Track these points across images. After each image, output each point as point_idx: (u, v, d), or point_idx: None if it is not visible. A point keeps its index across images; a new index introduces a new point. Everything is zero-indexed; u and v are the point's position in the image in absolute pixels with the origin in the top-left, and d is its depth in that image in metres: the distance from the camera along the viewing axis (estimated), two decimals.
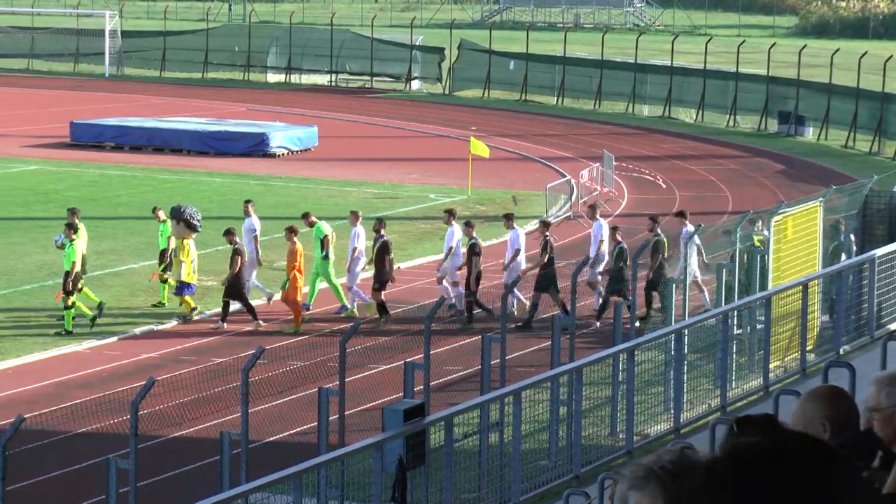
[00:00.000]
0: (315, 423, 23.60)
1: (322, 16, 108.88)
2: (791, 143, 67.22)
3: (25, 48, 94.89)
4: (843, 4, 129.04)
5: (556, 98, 78.99)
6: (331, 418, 23.37)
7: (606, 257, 36.87)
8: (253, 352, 24.72)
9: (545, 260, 35.98)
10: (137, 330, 35.11)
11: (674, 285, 31.73)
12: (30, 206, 46.12)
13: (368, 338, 32.85)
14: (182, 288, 35.39)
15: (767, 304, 28.60)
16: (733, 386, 27.63)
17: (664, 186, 55.73)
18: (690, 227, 36.45)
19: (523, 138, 66.29)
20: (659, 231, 36.55)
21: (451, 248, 36.65)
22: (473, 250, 36.19)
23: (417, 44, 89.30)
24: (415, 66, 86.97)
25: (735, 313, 28.64)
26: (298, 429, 26.70)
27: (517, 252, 36.98)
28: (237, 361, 27.98)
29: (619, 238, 36.63)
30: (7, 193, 49.79)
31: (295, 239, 35.66)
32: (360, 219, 37.44)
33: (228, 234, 35.57)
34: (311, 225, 37.06)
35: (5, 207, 43.39)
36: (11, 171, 56.08)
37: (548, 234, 37.05)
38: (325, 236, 36.67)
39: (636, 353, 25.99)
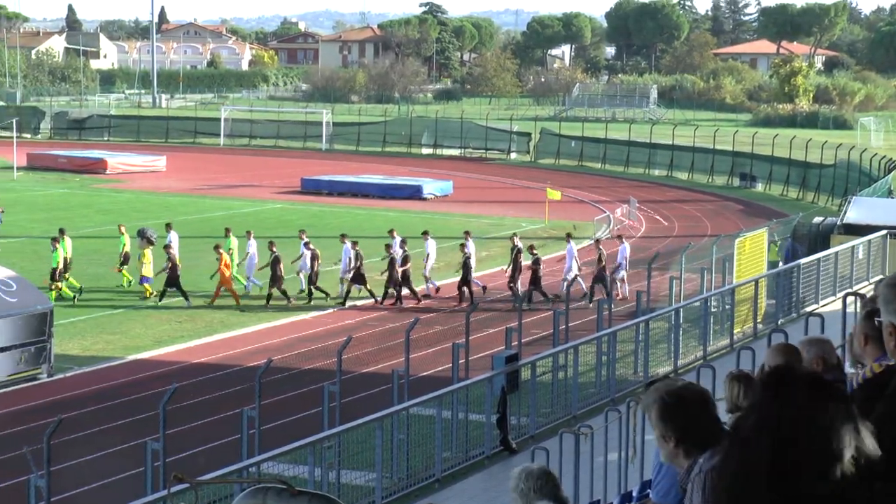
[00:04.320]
0: (450, 365, 23.61)
1: (455, 112, 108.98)
2: (747, 193, 66.62)
3: (273, 132, 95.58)
4: (781, 106, 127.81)
5: (600, 164, 78.64)
6: (460, 361, 23.38)
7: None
8: (411, 320, 24.79)
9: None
10: (342, 306, 35.27)
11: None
12: (275, 230, 46.46)
13: (483, 312, 32.82)
14: (144, 280, 35.30)
15: (732, 292, 28.38)
16: (710, 343, 27.38)
17: (666, 224, 55.34)
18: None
19: (580, 189, 66.05)
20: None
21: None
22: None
23: (514, 130, 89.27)
24: (513, 144, 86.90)
25: (712, 298, 28.42)
26: (440, 368, 26.71)
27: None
28: (402, 326, 28.05)
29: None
30: (263, 221, 50.23)
31: (221, 251, 35.37)
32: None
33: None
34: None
35: (262, 231, 43.69)
36: (265, 207, 56.57)
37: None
38: (231, 249, 36.74)
39: (650, 322, 25.84)
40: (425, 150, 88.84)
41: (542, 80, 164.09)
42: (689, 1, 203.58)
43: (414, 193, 60.82)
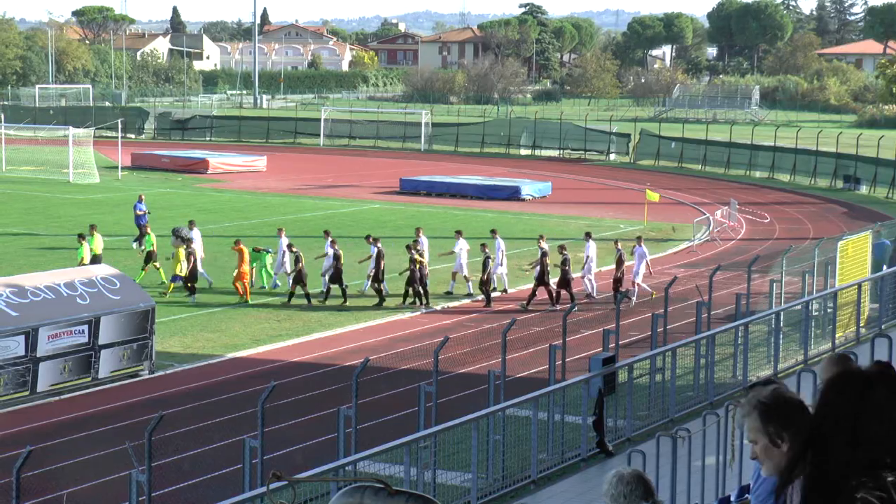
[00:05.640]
0: (546, 367, 23.57)
1: (554, 113, 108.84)
2: (851, 195, 65.59)
3: (373, 132, 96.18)
4: (887, 107, 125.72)
5: (700, 165, 77.94)
6: (557, 363, 23.33)
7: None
8: (508, 321, 24.78)
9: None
10: (439, 306, 35.37)
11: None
12: (374, 230, 46.68)
13: (580, 313, 32.70)
14: (176, 278, 35.59)
15: (835, 296, 28.00)
16: (811, 347, 27.03)
17: (768, 219, 54.72)
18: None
19: (680, 190, 65.56)
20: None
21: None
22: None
23: (613, 131, 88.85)
24: (612, 145, 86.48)
25: (813, 302, 28.06)
26: (536, 369, 26.69)
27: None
28: (499, 327, 28.06)
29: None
30: (361, 221, 50.58)
31: (242, 247, 35.61)
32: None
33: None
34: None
35: (361, 231, 44.04)
36: (363, 208, 56.94)
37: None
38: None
39: (750, 325, 25.58)
40: (524, 151, 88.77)
41: (643, 80, 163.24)
42: (793, 1, 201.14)
43: (512, 194, 60.80)
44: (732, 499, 9.74)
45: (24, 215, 52.85)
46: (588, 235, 37.06)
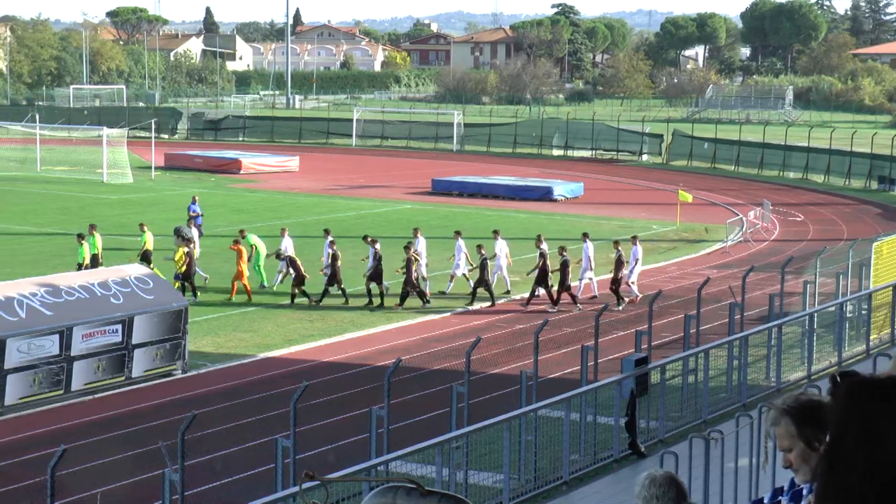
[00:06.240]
0: (579, 367, 23.52)
1: (587, 114, 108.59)
2: (886, 196, 65.24)
3: (405, 133, 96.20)
4: None
5: (734, 166, 77.61)
6: (589, 364, 23.27)
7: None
8: (541, 322, 24.73)
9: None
10: (471, 307, 35.35)
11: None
12: (405, 230, 46.75)
13: (611, 313, 32.61)
14: (177, 276, 35.31)
15: (869, 297, 27.86)
16: (845, 349, 26.88)
17: (801, 217, 54.46)
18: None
19: (712, 191, 65.33)
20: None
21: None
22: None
23: (646, 131, 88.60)
24: (644, 146, 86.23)
25: (847, 303, 27.91)
26: (568, 370, 26.64)
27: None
28: (531, 327, 28.02)
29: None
30: (393, 222, 50.63)
31: (240, 246, 35.70)
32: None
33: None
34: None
35: (393, 231, 44.06)
36: (395, 208, 56.98)
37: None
38: (253, 245, 37.10)
39: (784, 327, 25.48)
40: (556, 152, 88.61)
41: (675, 81, 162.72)
42: (827, 1, 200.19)
43: (544, 195, 60.70)
44: (766, 501, 9.68)
45: (58, 215, 53.18)
46: (585, 236, 36.95)
